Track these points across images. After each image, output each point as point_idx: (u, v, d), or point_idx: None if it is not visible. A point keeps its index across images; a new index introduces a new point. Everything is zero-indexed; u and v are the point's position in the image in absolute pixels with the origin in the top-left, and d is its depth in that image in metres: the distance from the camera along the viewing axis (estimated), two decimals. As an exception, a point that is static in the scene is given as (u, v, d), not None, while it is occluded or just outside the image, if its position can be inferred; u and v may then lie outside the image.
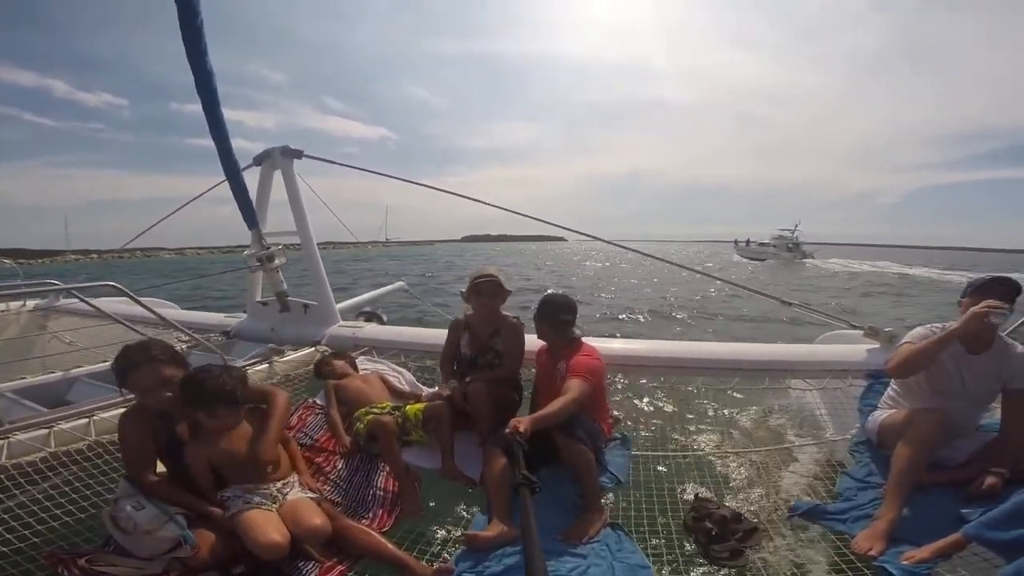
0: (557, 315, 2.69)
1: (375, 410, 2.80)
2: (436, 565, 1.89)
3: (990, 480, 1.96)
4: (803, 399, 3.24)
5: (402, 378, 3.43)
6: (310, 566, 1.82)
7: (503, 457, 2.31)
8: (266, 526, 1.71)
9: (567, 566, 1.87)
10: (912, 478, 2.02)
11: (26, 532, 1.83)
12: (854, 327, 3.54)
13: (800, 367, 3.15)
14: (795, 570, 1.84)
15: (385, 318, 4.92)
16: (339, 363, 3.32)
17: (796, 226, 48.54)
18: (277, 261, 4.16)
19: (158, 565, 1.72)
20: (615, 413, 3.05)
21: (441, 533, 2.17)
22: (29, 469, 2.12)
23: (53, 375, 3.25)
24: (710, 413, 3.25)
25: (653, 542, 2.10)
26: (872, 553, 1.80)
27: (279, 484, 2.00)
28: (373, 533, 1.99)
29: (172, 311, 5.17)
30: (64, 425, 2.41)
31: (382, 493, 2.39)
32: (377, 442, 2.59)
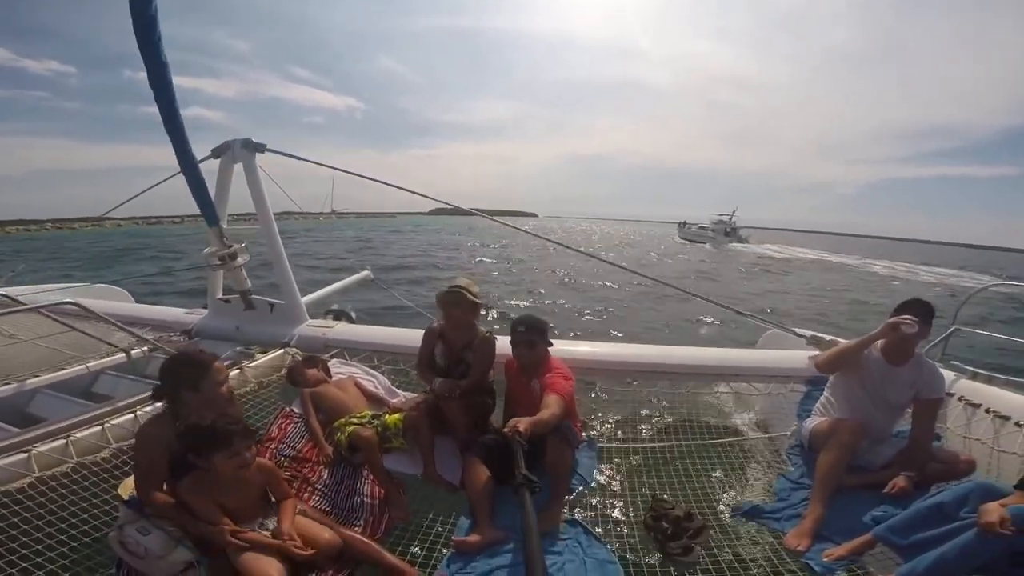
0: (527, 337, 2.88)
1: (354, 420, 2.93)
2: (428, 572, 2.08)
3: (900, 483, 2.35)
4: (751, 401, 3.62)
5: (376, 382, 3.54)
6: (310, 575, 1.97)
7: (482, 464, 2.55)
8: (263, 567, 1.80)
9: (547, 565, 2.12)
10: (834, 481, 2.39)
11: (24, 564, 1.88)
12: (797, 334, 3.95)
13: (748, 372, 3.51)
14: (736, 564, 2.16)
15: (354, 316, 4.94)
16: (312, 372, 3.34)
17: (734, 211, 52.99)
18: (240, 259, 4.10)
19: (170, 588, 1.83)
20: (581, 418, 3.30)
21: (430, 537, 2.34)
22: (12, 499, 2.13)
23: (9, 386, 3.13)
24: (667, 416, 3.56)
25: (618, 538, 2.39)
26: (799, 549, 2.16)
27: (263, 520, 2.09)
28: (369, 542, 2.13)
29: (130, 306, 4.98)
30: (41, 448, 2.39)
31: (370, 500, 2.54)
32: (359, 452, 2.73)
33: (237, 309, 4.23)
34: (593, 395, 3.78)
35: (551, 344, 3.00)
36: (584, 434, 3.17)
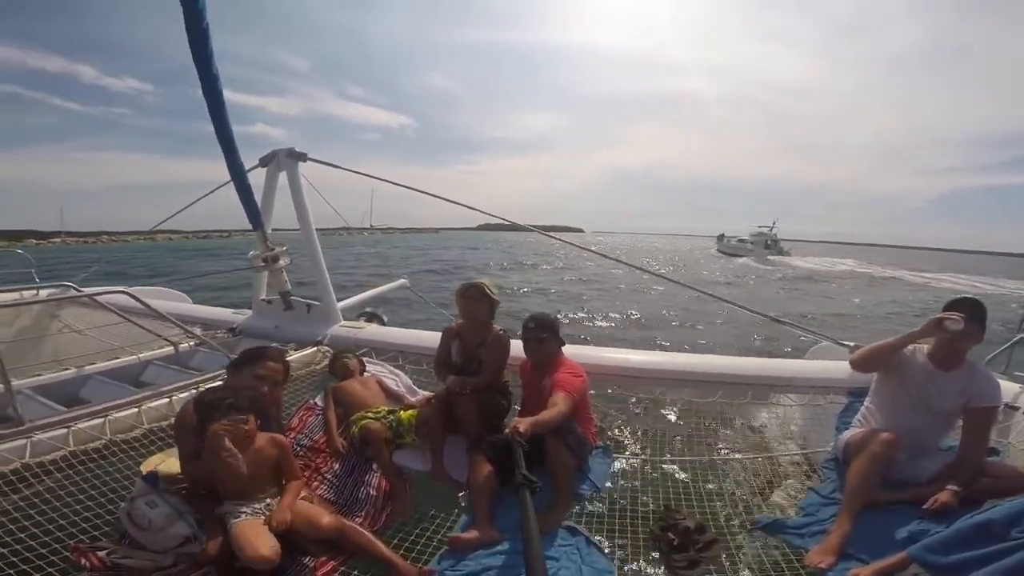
0: (537, 333, 2.85)
1: (369, 415, 2.97)
2: (420, 567, 2.04)
3: (942, 498, 2.09)
4: (787, 413, 3.38)
5: (399, 381, 3.59)
6: (306, 561, 1.99)
7: (487, 463, 2.49)
8: (255, 541, 1.83)
9: None
10: (862, 494, 2.17)
11: (50, 527, 2.00)
12: (840, 344, 3.67)
13: (785, 382, 3.27)
14: (748, 581, 1.99)
15: (386, 319, 5.07)
16: (352, 362, 3.47)
17: (774, 223, 51.36)
18: (282, 262, 4.32)
19: (169, 558, 1.89)
20: (599, 424, 3.19)
21: (428, 533, 2.30)
22: (51, 467, 2.30)
23: (68, 372, 3.42)
24: (693, 424, 3.39)
25: (622, 547, 2.26)
26: (822, 567, 1.95)
27: (268, 500, 2.14)
28: (366, 532, 2.13)
29: (183, 306, 5.34)
30: (81, 425, 2.58)
31: (375, 493, 2.56)
32: (370, 445, 2.76)
33: (277, 309, 4.43)
34: (616, 401, 3.64)
35: (563, 342, 2.95)
36: (601, 440, 3.06)
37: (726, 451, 3.20)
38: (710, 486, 2.76)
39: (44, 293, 4.89)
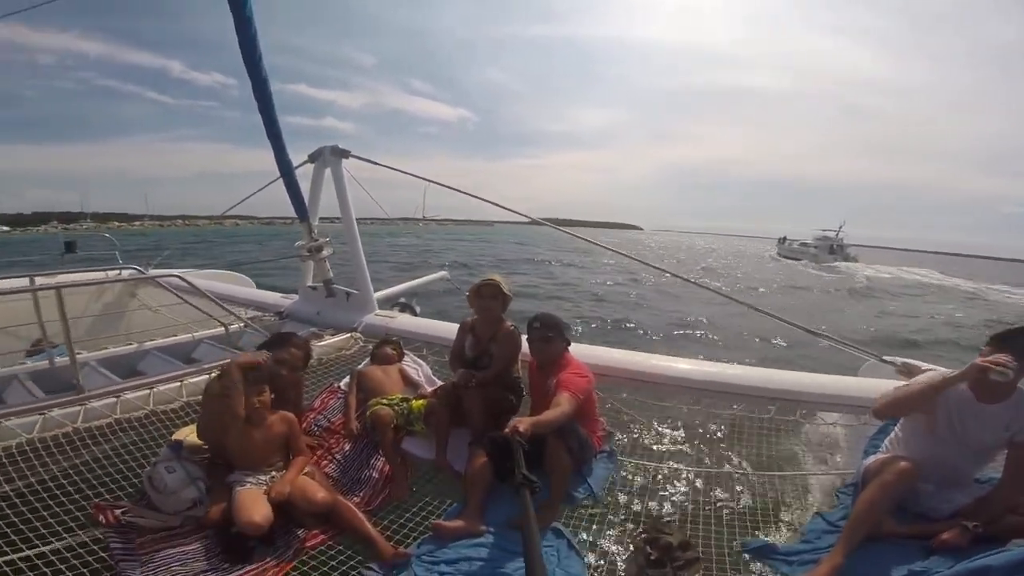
0: (543, 333, 2.84)
1: (383, 401, 3.10)
2: (397, 547, 2.13)
3: (947, 536, 1.92)
4: (818, 431, 3.19)
5: (420, 370, 3.71)
6: (299, 532, 2.13)
7: (484, 457, 2.53)
8: (251, 508, 2.01)
9: (511, 563, 2.06)
10: (865, 526, 2.01)
11: (98, 485, 2.28)
12: (883, 361, 3.39)
13: (812, 398, 3.07)
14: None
15: (418, 310, 5.24)
16: (388, 350, 3.61)
17: (840, 227, 46.66)
18: (325, 252, 4.58)
19: (176, 519, 2.10)
20: (607, 428, 3.14)
21: (418, 519, 2.39)
22: (96, 432, 2.60)
23: (130, 347, 3.83)
24: (711, 434, 3.28)
25: (606, 556, 2.24)
26: None
27: (273, 473, 2.31)
28: (356, 510, 2.24)
29: (243, 289, 5.78)
30: (129, 395, 2.89)
31: (376, 476, 2.68)
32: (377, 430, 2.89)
33: (320, 296, 4.71)
34: (627, 406, 3.56)
35: (569, 342, 2.93)
36: (608, 444, 3.01)
37: (742, 465, 3.07)
38: (717, 501, 2.67)
39: (126, 273, 5.47)
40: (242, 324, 4.38)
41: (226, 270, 6.60)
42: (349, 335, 4.18)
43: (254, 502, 2.10)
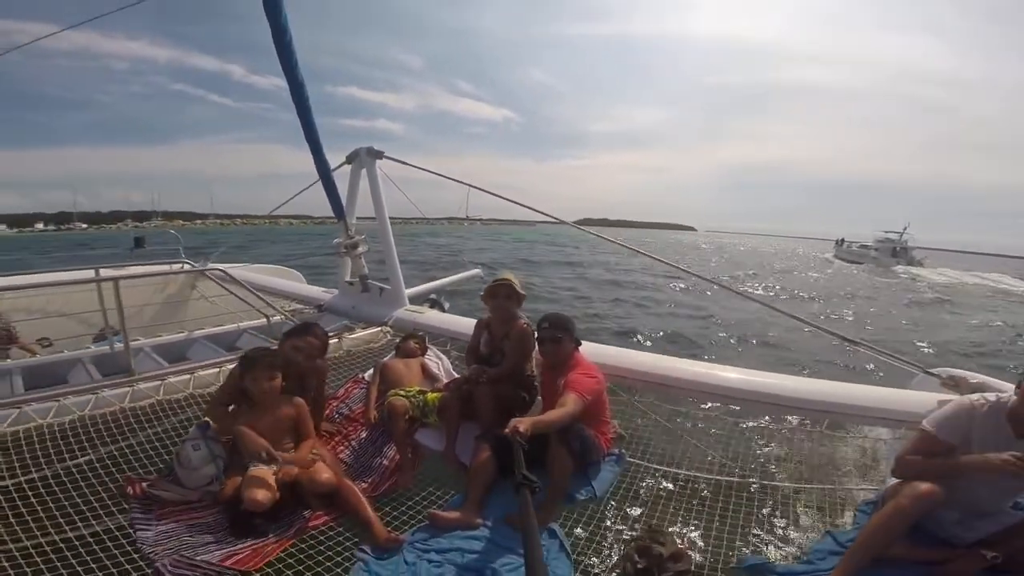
0: (552, 333, 2.83)
1: (401, 393, 3.22)
2: (392, 532, 2.22)
3: (957, 563, 1.79)
4: (849, 445, 3.04)
5: (441, 365, 3.81)
6: (305, 513, 2.26)
7: (489, 451, 2.58)
8: (255, 486, 2.15)
9: (502, 559, 2.09)
10: (869, 549, 1.89)
11: (135, 462, 2.53)
12: (928, 373, 3.13)
13: (840, 408, 2.88)
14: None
15: (447, 306, 5.36)
16: (410, 344, 3.74)
17: (905, 228, 42.52)
18: (360, 249, 4.81)
19: (195, 494, 2.30)
20: (619, 431, 3.11)
21: (419, 507, 2.47)
22: (140, 412, 2.86)
23: (181, 335, 4.16)
24: (724, 446, 3.16)
25: (599, 560, 2.23)
26: None
27: (283, 454, 2.46)
28: (359, 494, 2.34)
29: (289, 283, 6.12)
30: (173, 379, 3.17)
31: (386, 463, 2.80)
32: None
33: (356, 291, 4.93)
34: (644, 410, 3.49)
35: (579, 342, 2.93)
36: (619, 446, 2.98)
37: (763, 476, 2.95)
38: (729, 512, 2.57)
39: (188, 267, 5.94)
40: (282, 316, 4.65)
41: (277, 266, 7.00)
42: (379, 329, 4.36)
43: (260, 482, 2.25)
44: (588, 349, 3.33)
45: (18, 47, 4.27)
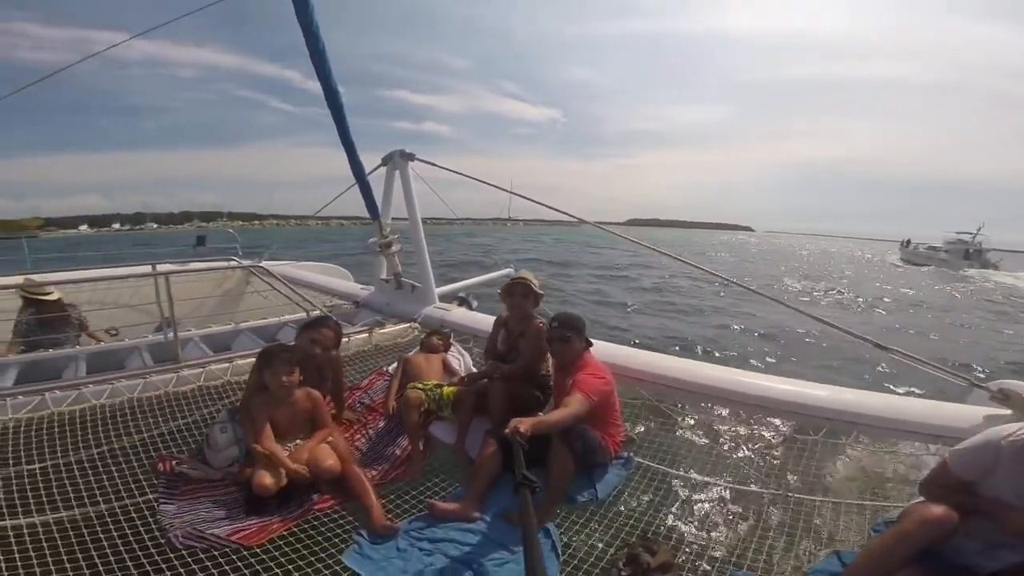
0: (561, 333, 2.86)
1: (419, 386, 3.35)
2: (391, 518, 2.33)
3: None
4: (871, 459, 2.89)
5: (462, 361, 3.92)
6: (312, 496, 2.41)
7: (494, 447, 2.65)
8: (266, 472, 2.31)
9: (493, 554, 2.15)
10: (870, 573, 1.82)
11: (170, 441, 2.79)
12: (976, 386, 2.91)
13: (871, 421, 2.72)
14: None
15: (475, 304, 5.47)
16: (434, 340, 3.88)
17: (979, 229, 38.42)
18: (394, 248, 5.01)
19: (218, 474, 2.50)
20: (629, 434, 3.08)
21: (422, 497, 2.56)
22: (181, 397, 3.14)
23: (228, 326, 4.50)
24: (739, 453, 3.09)
25: (589, 564, 2.21)
26: None
27: (298, 442, 2.61)
28: (364, 481, 2.46)
29: (329, 279, 6.44)
30: (214, 367, 3.45)
31: (398, 453, 2.91)
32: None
33: (391, 288, 5.13)
34: (660, 413, 3.44)
35: (589, 343, 2.94)
36: (628, 451, 2.95)
37: (781, 486, 2.86)
38: (736, 522, 2.52)
39: (254, 263, 6.38)
40: (320, 311, 4.92)
41: (325, 263, 7.40)
42: (408, 324, 4.53)
43: (267, 467, 2.39)
44: (603, 350, 3.34)
45: (93, 55, 4.64)
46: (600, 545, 2.30)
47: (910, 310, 15.74)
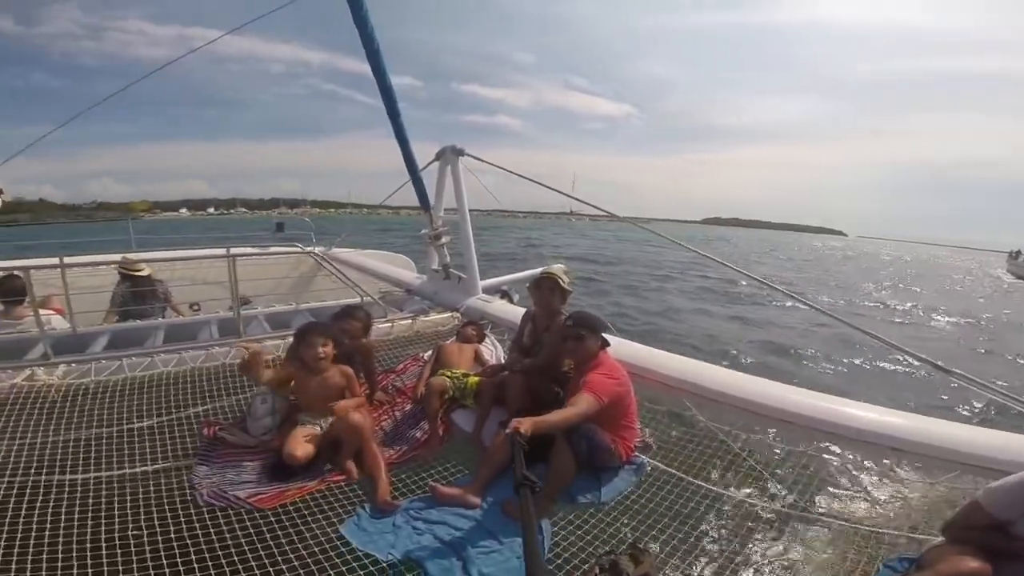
0: (575, 331, 2.86)
1: (447, 373, 3.50)
2: (394, 495, 2.49)
3: None
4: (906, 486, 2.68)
5: (495, 352, 4.03)
6: (327, 467, 2.64)
7: (504, 439, 2.74)
8: (297, 443, 2.55)
9: (481, 542, 2.22)
10: None
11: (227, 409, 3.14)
12: None
13: (911, 447, 2.48)
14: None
15: (516, 298, 5.55)
16: (471, 331, 4.08)
17: None
18: (443, 239, 5.20)
19: (253, 441, 2.79)
20: (646, 439, 3.03)
21: (429, 479, 2.65)
22: (236, 368, 3.48)
23: (289, 306, 4.91)
24: (781, 469, 2.94)
25: (571, 563, 2.23)
26: None
27: (330, 418, 2.80)
28: (379, 458, 2.64)
29: (386, 266, 6.77)
30: (268, 342, 3.80)
31: (419, 436, 3.07)
32: (430, 397, 3.29)
33: (440, 278, 5.35)
34: (677, 420, 3.33)
35: (606, 343, 2.92)
36: (643, 457, 2.89)
37: (792, 505, 2.72)
38: (745, 539, 2.43)
39: (318, 249, 6.90)
40: (371, 297, 5.22)
41: (388, 252, 7.82)
42: (450, 314, 4.71)
43: (302, 438, 2.64)
44: (626, 350, 3.32)
45: (194, 50, 5.02)
46: (590, 548, 2.30)
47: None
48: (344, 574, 1.94)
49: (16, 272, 3.84)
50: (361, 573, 1.96)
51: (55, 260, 3.56)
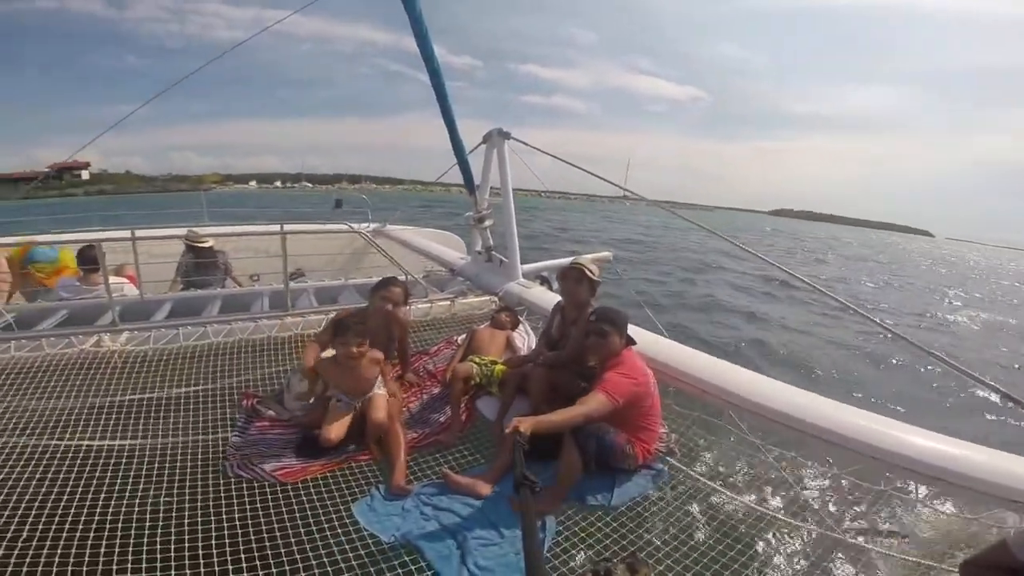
0: (598, 327, 2.79)
1: (476, 360, 3.55)
2: (409, 478, 2.58)
3: None
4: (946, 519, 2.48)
5: (527, 340, 4.04)
6: (351, 447, 2.76)
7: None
8: (332, 423, 2.68)
9: (483, 533, 2.26)
10: None
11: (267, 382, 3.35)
12: None
13: (956, 479, 2.28)
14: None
15: (555, 285, 5.48)
16: (502, 317, 4.10)
17: None
18: (487, 222, 5.23)
19: (286, 414, 2.97)
20: (669, 444, 2.96)
21: (445, 466, 2.70)
22: (283, 341, 3.70)
23: (338, 281, 5.12)
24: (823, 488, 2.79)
25: (566, 564, 2.21)
26: None
27: (363, 399, 2.92)
28: (400, 441, 2.71)
29: (435, 246, 6.86)
30: (312, 317, 4.00)
31: (442, 420, 3.14)
32: (455, 382, 3.35)
33: (482, 260, 5.38)
34: (707, 427, 3.20)
35: (631, 340, 2.85)
36: (663, 462, 2.84)
37: (816, 523, 2.58)
38: (759, 554, 2.34)
39: (373, 226, 7.12)
40: (413, 277, 5.32)
41: (438, 231, 7.94)
42: (488, 297, 4.75)
43: (336, 419, 2.74)
44: (660, 348, 3.22)
45: (265, 28, 5.19)
46: (591, 552, 2.29)
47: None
48: (347, 551, 2.04)
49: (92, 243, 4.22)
50: (363, 552, 2.05)
51: (127, 233, 3.88)
